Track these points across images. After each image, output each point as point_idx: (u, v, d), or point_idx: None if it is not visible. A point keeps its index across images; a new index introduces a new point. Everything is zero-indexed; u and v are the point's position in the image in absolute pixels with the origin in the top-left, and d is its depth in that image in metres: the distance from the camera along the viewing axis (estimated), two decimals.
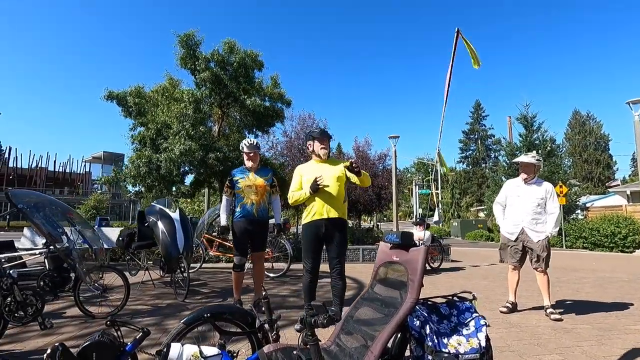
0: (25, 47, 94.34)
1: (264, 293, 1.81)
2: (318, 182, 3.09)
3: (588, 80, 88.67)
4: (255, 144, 3.93)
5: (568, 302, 4.50)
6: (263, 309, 1.73)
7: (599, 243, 13.82)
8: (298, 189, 3.35)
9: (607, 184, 37.59)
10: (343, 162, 3.33)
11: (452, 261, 9.14)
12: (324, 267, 3.49)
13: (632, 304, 4.32)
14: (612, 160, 43.46)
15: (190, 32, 9.75)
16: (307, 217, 3.27)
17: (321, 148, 3.32)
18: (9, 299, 2.46)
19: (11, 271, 2.53)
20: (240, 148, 3.97)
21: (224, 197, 3.96)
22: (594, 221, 14.62)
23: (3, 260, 3.34)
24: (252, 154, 3.89)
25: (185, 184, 11.49)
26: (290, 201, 3.39)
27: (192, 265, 5.90)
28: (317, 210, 3.18)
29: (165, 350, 1.43)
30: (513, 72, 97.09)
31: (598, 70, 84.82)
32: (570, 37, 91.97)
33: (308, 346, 1.42)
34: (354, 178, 3.21)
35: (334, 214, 3.17)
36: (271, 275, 6.30)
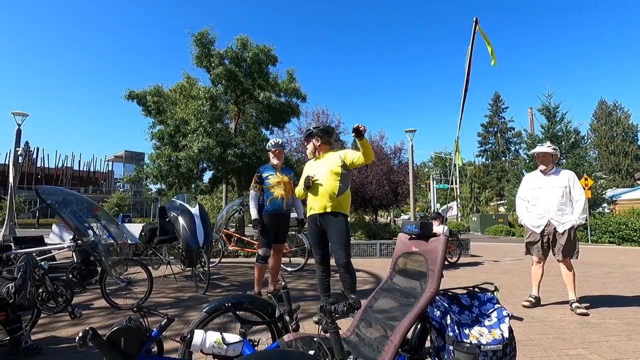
0: (51, 50, 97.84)
1: (282, 283, 1.83)
2: (309, 180, 3.27)
3: (615, 68, 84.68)
4: (280, 142, 4.21)
5: (595, 296, 4.35)
6: (283, 299, 1.75)
7: (627, 237, 13.29)
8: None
9: (635, 176, 35.98)
10: (340, 151, 3.39)
11: (472, 256, 8.98)
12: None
13: None
14: None
15: (205, 30, 9.86)
16: (307, 212, 3.44)
17: (306, 148, 3.53)
18: (40, 289, 2.59)
19: (42, 263, 2.65)
20: (267, 147, 4.23)
21: (253, 192, 4.09)
22: (622, 215, 14.05)
23: (34, 253, 3.50)
24: (277, 152, 4.13)
25: (204, 180, 11.71)
26: (296, 195, 3.67)
27: (211, 259, 6.02)
28: (311, 205, 3.34)
29: (189, 336, 1.47)
30: (535, 62, 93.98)
31: (626, 58, 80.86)
32: (595, 23, 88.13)
33: (328, 334, 1.43)
34: (362, 147, 3.11)
35: (326, 208, 3.22)
36: (288, 269, 6.37)
